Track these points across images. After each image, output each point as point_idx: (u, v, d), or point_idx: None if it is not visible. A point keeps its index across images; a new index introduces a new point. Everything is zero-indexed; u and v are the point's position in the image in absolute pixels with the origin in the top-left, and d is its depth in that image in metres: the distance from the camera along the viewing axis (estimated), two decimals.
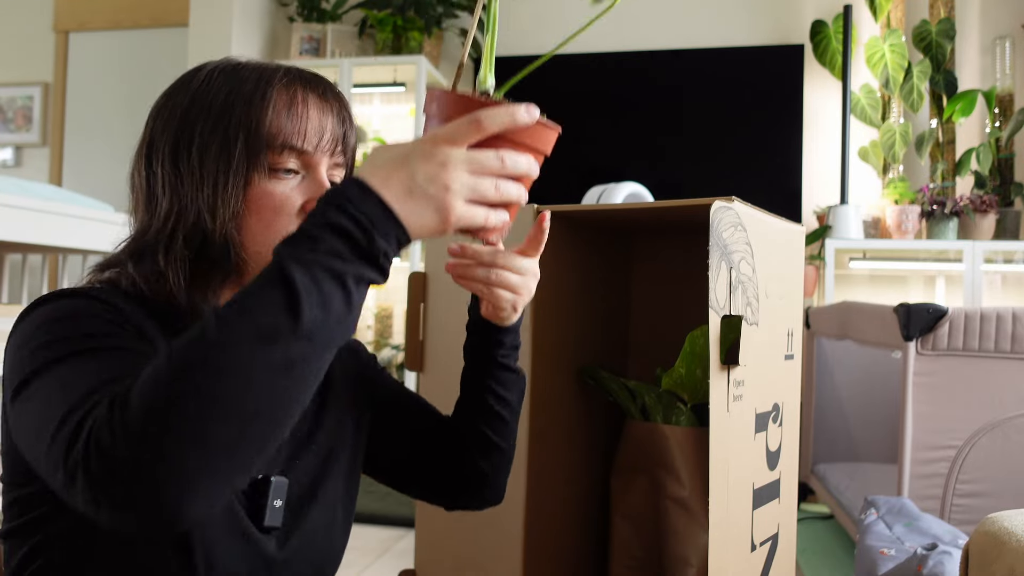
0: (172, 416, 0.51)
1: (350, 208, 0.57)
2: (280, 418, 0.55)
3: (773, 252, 1.03)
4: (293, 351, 0.54)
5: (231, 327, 0.54)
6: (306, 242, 0.56)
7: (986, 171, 3.19)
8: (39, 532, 0.70)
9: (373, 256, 0.58)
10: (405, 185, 0.59)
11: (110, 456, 0.52)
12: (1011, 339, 1.68)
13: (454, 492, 0.92)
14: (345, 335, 0.58)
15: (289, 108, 0.77)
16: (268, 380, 0.53)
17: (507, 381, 0.88)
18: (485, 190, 0.61)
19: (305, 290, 0.54)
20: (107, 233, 2.41)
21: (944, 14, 3.35)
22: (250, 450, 0.54)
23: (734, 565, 0.93)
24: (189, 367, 0.53)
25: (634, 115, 3.61)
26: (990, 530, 0.83)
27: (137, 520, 0.52)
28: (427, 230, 0.60)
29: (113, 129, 4.26)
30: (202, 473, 0.52)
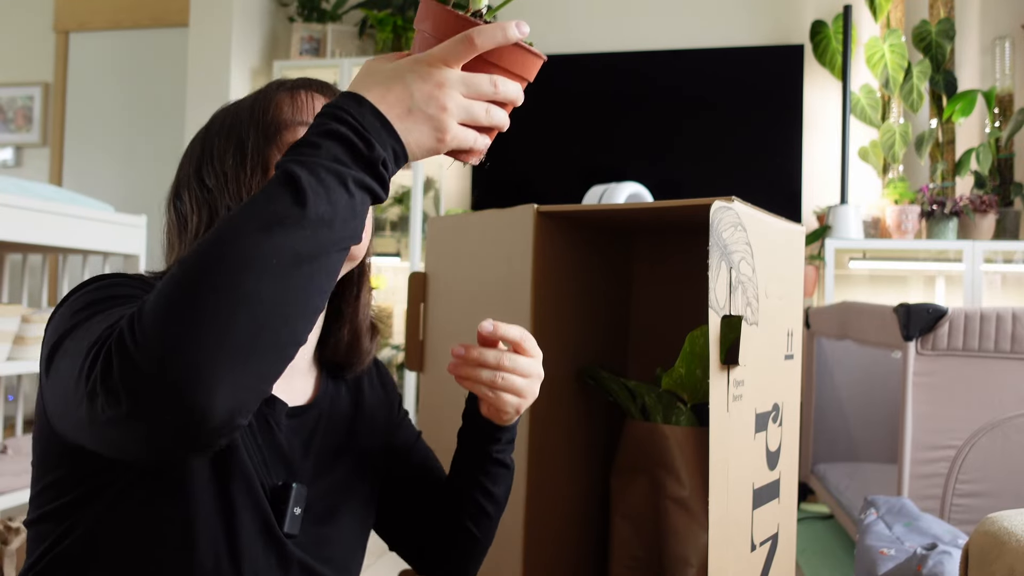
0: (183, 308, 0.51)
1: (348, 118, 0.58)
2: (291, 316, 0.54)
3: (773, 252, 1.03)
4: (300, 242, 0.54)
5: (238, 221, 0.54)
6: (307, 148, 0.57)
7: (986, 171, 3.19)
8: (69, 519, 0.70)
9: (373, 162, 0.58)
10: (404, 103, 0.60)
11: (129, 359, 0.51)
12: (1011, 339, 1.68)
13: (424, 561, 0.93)
14: (351, 239, 0.58)
15: (293, 101, 0.79)
16: (277, 270, 0.53)
17: (498, 476, 0.87)
18: (478, 113, 0.63)
19: (309, 186, 0.55)
20: (107, 233, 2.40)
21: (944, 14, 3.35)
22: (264, 345, 0.53)
23: (734, 565, 0.93)
24: (198, 261, 0.53)
25: (634, 115, 3.61)
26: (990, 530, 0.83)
27: (165, 422, 0.51)
28: (423, 149, 0.61)
29: (113, 129, 4.26)
30: (220, 364, 0.51)
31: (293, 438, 0.80)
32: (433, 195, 3.84)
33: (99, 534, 0.69)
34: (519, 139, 3.74)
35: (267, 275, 0.52)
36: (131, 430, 0.52)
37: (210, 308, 0.51)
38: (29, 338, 2.19)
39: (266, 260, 0.52)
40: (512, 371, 0.77)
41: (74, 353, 0.59)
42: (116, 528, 0.69)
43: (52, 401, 0.64)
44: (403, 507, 0.92)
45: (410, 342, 1.36)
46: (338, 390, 0.88)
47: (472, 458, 0.86)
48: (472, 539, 0.89)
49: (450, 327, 1.31)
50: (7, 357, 2.17)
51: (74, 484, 0.69)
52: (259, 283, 0.52)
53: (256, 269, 0.52)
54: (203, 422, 0.51)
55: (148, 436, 0.52)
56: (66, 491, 0.70)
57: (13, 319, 2.15)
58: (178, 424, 0.51)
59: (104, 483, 0.69)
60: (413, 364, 1.36)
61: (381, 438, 0.91)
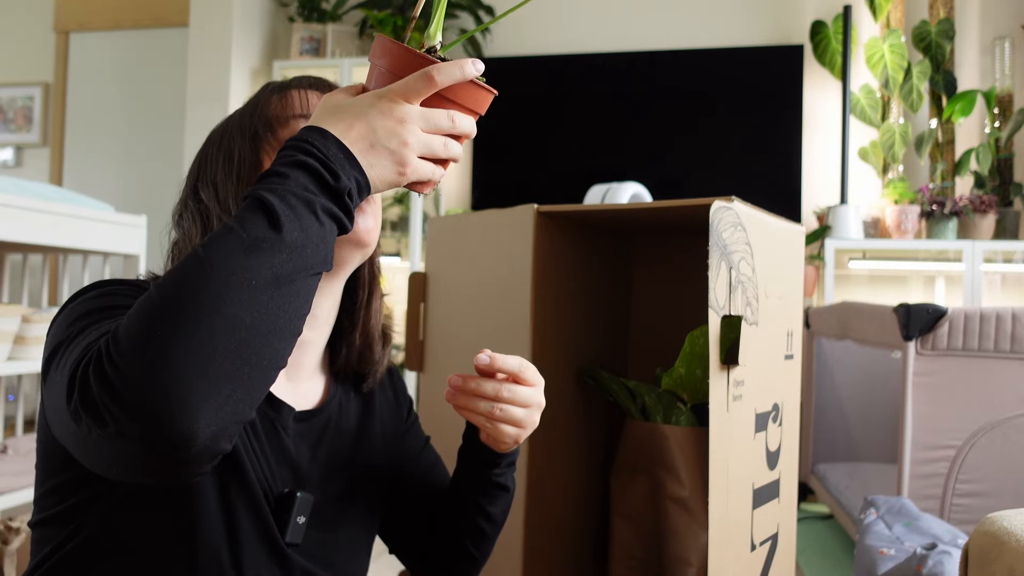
0: (161, 332, 0.51)
1: (314, 150, 0.59)
2: (272, 338, 0.55)
3: (773, 252, 1.03)
4: (278, 265, 0.55)
5: (217, 244, 0.55)
6: (275, 178, 0.58)
7: (985, 171, 3.19)
8: (73, 522, 0.70)
9: (339, 193, 0.59)
10: (367, 139, 0.62)
11: (108, 384, 0.51)
12: (1011, 339, 1.68)
13: (423, 568, 0.94)
14: (322, 265, 0.59)
15: (283, 100, 0.80)
16: (256, 293, 0.54)
17: (497, 498, 0.87)
18: (436, 147, 0.65)
19: (282, 211, 0.56)
20: (107, 233, 2.40)
21: (944, 14, 3.35)
22: (246, 368, 0.53)
23: (734, 565, 0.93)
24: (176, 285, 0.53)
25: (634, 115, 3.61)
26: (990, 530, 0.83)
27: (148, 445, 0.51)
28: (384, 183, 0.63)
29: (113, 129, 4.26)
30: (201, 389, 0.51)
31: (300, 443, 0.80)
32: (433, 195, 3.84)
33: (102, 538, 0.69)
34: (519, 139, 3.76)
35: (246, 298, 0.53)
36: (117, 449, 0.53)
37: (189, 332, 0.51)
38: (29, 338, 2.19)
39: (245, 283, 0.53)
40: (511, 402, 0.75)
41: (64, 367, 0.59)
42: (119, 533, 0.69)
43: (49, 411, 0.64)
44: (405, 513, 0.92)
45: (410, 342, 1.36)
46: (347, 396, 0.87)
47: (471, 480, 0.86)
48: (469, 558, 0.90)
49: (450, 327, 1.31)
50: (7, 357, 2.17)
51: (77, 488, 0.69)
52: (239, 306, 0.53)
53: (235, 292, 0.53)
54: (186, 446, 0.51)
55: (134, 456, 0.53)
56: (69, 495, 0.70)
57: (13, 319, 2.15)
58: (162, 448, 0.51)
59: (107, 488, 0.69)
60: (413, 364, 1.36)
61: (390, 445, 0.91)
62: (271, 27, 3.99)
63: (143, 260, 2.60)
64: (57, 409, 0.59)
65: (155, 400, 0.50)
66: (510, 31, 3.74)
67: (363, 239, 0.78)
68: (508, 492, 0.88)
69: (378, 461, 0.88)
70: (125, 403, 0.50)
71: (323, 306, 0.80)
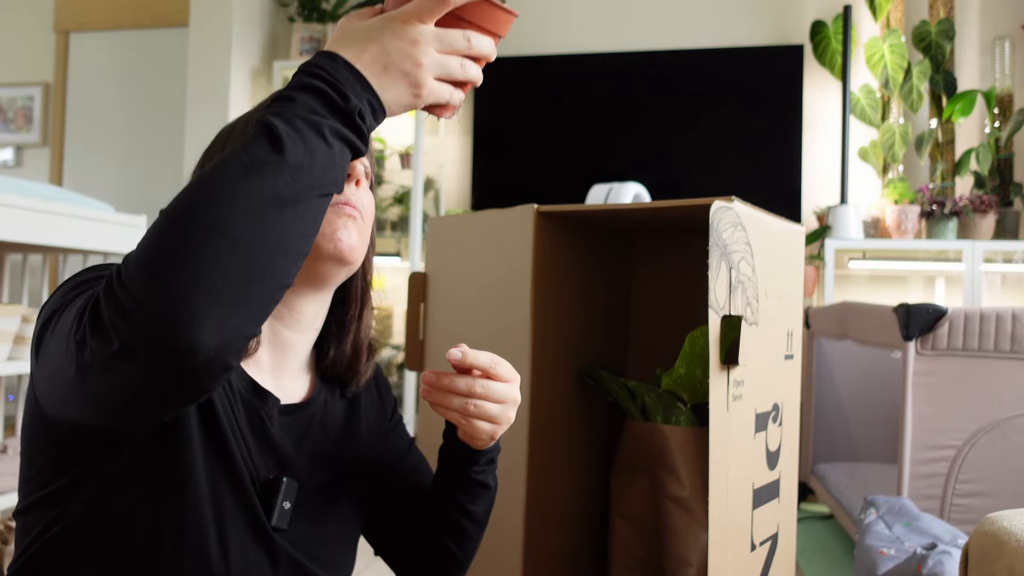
0: (168, 249, 0.52)
1: (322, 73, 0.59)
2: (276, 257, 0.55)
3: (773, 252, 1.03)
4: (280, 185, 0.55)
5: (221, 167, 0.55)
6: (283, 102, 0.58)
7: (986, 171, 3.19)
8: (59, 505, 0.69)
9: (348, 113, 0.59)
10: (379, 61, 0.61)
11: (116, 299, 0.52)
12: (1011, 339, 1.68)
13: (406, 571, 0.93)
14: (331, 186, 0.59)
15: None
16: (258, 213, 0.54)
17: (478, 496, 0.87)
18: (452, 68, 0.64)
19: (286, 134, 0.56)
20: (107, 233, 2.40)
21: (944, 14, 3.35)
22: (250, 284, 0.54)
23: (734, 565, 0.93)
24: (182, 206, 0.54)
25: (634, 115, 3.61)
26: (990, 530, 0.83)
27: (154, 359, 0.52)
28: (400, 105, 0.63)
29: (113, 129, 4.26)
30: (204, 300, 0.52)
31: (285, 435, 0.80)
32: (433, 195, 3.84)
33: (89, 520, 0.69)
34: (519, 139, 3.75)
35: (248, 217, 0.54)
36: (121, 373, 0.53)
37: (193, 248, 0.52)
38: (29, 338, 2.19)
39: (247, 203, 0.54)
40: (484, 398, 0.75)
41: (64, 322, 0.60)
42: (105, 514, 0.69)
43: (42, 379, 0.65)
44: (390, 513, 0.92)
45: (410, 342, 1.36)
46: (333, 394, 0.88)
47: (451, 479, 0.86)
48: (452, 557, 0.89)
49: (450, 327, 1.31)
50: (7, 357, 2.17)
51: (63, 470, 0.69)
52: (242, 226, 0.53)
53: (237, 211, 0.53)
54: (192, 355, 0.52)
55: (139, 377, 0.53)
56: (56, 478, 0.70)
57: (13, 319, 2.15)
58: (167, 359, 0.52)
59: (93, 469, 0.69)
60: (413, 364, 1.36)
61: (375, 443, 0.91)
62: (271, 27, 3.99)
63: None
64: (55, 362, 0.59)
65: (161, 313, 0.51)
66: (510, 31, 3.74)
67: (346, 256, 0.77)
68: (489, 490, 0.88)
69: (364, 456, 0.88)
70: (132, 319, 0.51)
71: (308, 312, 0.81)
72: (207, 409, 0.72)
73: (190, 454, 0.70)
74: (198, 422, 0.71)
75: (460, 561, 0.90)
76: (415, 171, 3.53)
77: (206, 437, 0.71)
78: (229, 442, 0.73)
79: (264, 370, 0.80)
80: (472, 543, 0.90)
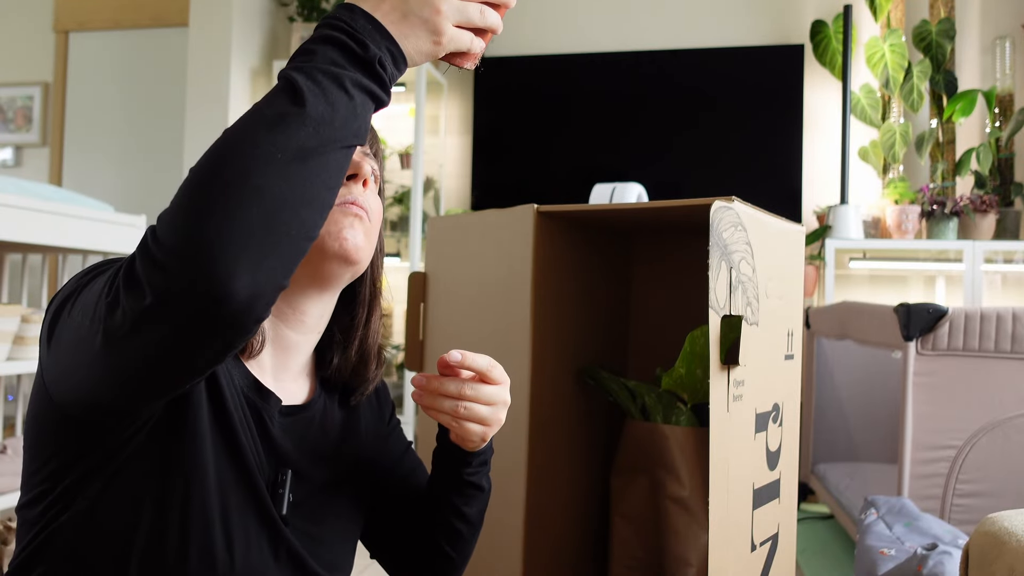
0: (197, 203, 0.54)
1: (341, 24, 0.60)
2: (300, 207, 0.56)
3: (773, 252, 1.03)
4: (303, 138, 0.56)
5: (241, 124, 0.56)
6: (302, 56, 0.59)
7: (986, 171, 3.19)
8: (65, 495, 0.69)
9: (368, 62, 0.59)
10: (398, 9, 0.61)
11: (149, 255, 0.54)
12: (1011, 339, 1.68)
13: (401, 571, 0.93)
14: (354, 138, 0.59)
15: None
16: (282, 164, 0.55)
17: (472, 498, 0.87)
18: (472, 14, 0.64)
19: (307, 87, 0.57)
20: (107, 233, 2.40)
21: (944, 14, 3.35)
22: (276, 234, 0.55)
23: (734, 565, 0.93)
24: (207, 162, 0.55)
25: (634, 115, 3.61)
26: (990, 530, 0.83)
27: (187, 308, 0.53)
28: (421, 54, 0.63)
29: (113, 129, 4.26)
30: (235, 250, 0.53)
31: (285, 435, 0.80)
32: (433, 195, 3.84)
33: (93, 511, 0.69)
34: (519, 139, 3.75)
35: (272, 169, 0.55)
36: (154, 330, 0.54)
37: (221, 201, 0.53)
38: (29, 338, 2.19)
39: (271, 155, 0.55)
40: (475, 400, 0.76)
41: (85, 299, 0.61)
42: (111, 505, 0.69)
43: (57, 364, 0.65)
44: (385, 517, 0.92)
45: (410, 342, 1.36)
46: (332, 399, 0.88)
47: (445, 480, 0.86)
48: (447, 559, 0.89)
49: (450, 327, 1.30)
50: (7, 357, 2.17)
51: (69, 464, 0.69)
52: (265, 177, 0.54)
53: (261, 164, 0.54)
54: (224, 303, 0.53)
55: (171, 332, 0.54)
56: (61, 470, 0.70)
57: (13, 319, 2.15)
58: (201, 308, 0.53)
59: (99, 461, 0.68)
60: (413, 364, 1.36)
61: (372, 447, 0.91)
62: (271, 27, 3.98)
63: None
64: (75, 339, 0.60)
65: (194, 263, 0.53)
66: (510, 31, 3.74)
67: (351, 256, 0.77)
68: (483, 491, 0.87)
69: (362, 458, 0.88)
70: (167, 270, 0.53)
71: (312, 313, 0.80)
72: (218, 402, 0.72)
73: (199, 445, 0.70)
74: (209, 412, 0.71)
75: (455, 562, 0.90)
76: (415, 171, 3.53)
77: (216, 429, 0.71)
78: (238, 435, 0.73)
79: (266, 371, 0.80)
80: (467, 545, 0.90)
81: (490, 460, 0.87)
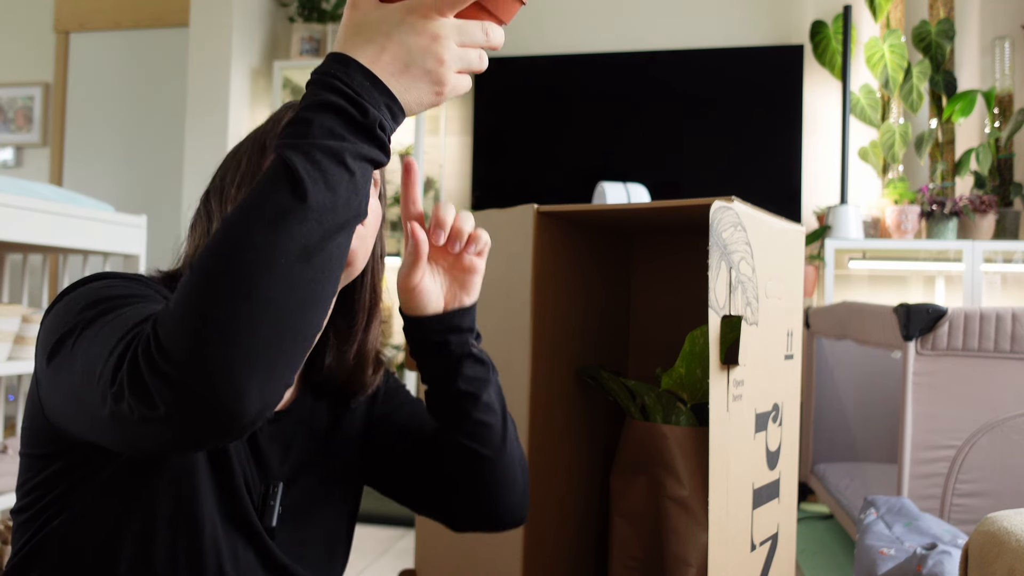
0: (203, 317, 0.51)
1: (338, 84, 0.57)
2: (307, 309, 0.54)
3: (773, 252, 1.03)
4: (306, 235, 0.53)
5: (243, 222, 0.53)
6: (300, 127, 0.56)
7: (986, 171, 3.19)
8: (59, 502, 0.70)
9: (369, 128, 0.57)
10: (400, 61, 0.59)
11: (156, 367, 0.52)
12: (1011, 339, 1.68)
13: (453, 510, 0.88)
14: (356, 218, 0.57)
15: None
16: (287, 269, 0.53)
17: (477, 380, 0.81)
18: (472, 61, 0.62)
19: (306, 173, 0.54)
20: (107, 233, 2.40)
21: (944, 14, 3.35)
22: (285, 342, 0.53)
23: (734, 565, 0.93)
24: (211, 268, 0.52)
25: (634, 115, 3.61)
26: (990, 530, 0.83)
27: (196, 423, 0.52)
28: (421, 105, 0.61)
29: (113, 129, 4.26)
30: (245, 368, 0.51)
31: (272, 443, 0.80)
32: (433, 195, 3.84)
33: (85, 518, 0.69)
34: (519, 139, 3.75)
35: (278, 276, 0.52)
36: (161, 431, 0.53)
37: (228, 317, 0.51)
38: (29, 338, 2.19)
39: (273, 260, 0.52)
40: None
41: (89, 354, 0.59)
42: (102, 513, 0.69)
43: (55, 398, 0.64)
44: (406, 470, 0.88)
45: None
46: (319, 401, 0.87)
47: (446, 370, 0.81)
48: (477, 457, 0.81)
49: None
50: (7, 357, 2.17)
51: (62, 473, 0.70)
52: (270, 288, 0.52)
53: (264, 272, 0.52)
54: (236, 417, 0.52)
55: (179, 434, 0.53)
56: (54, 479, 0.70)
57: (13, 319, 2.15)
58: (211, 423, 0.52)
59: (92, 471, 0.69)
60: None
61: (360, 440, 0.90)
62: (271, 27, 3.98)
63: (143, 260, 2.60)
64: (76, 394, 0.59)
65: (206, 385, 0.51)
66: (510, 31, 3.74)
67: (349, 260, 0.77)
68: (485, 364, 0.82)
69: (350, 455, 0.88)
70: (177, 389, 0.51)
71: None
72: None
73: (190, 458, 0.70)
74: None
75: (490, 460, 0.82)
76: None
77: None
78: (227, 448, 0.73)
79: None
80: (493, 434, 0.82)
81: (467, 327, 0.82)
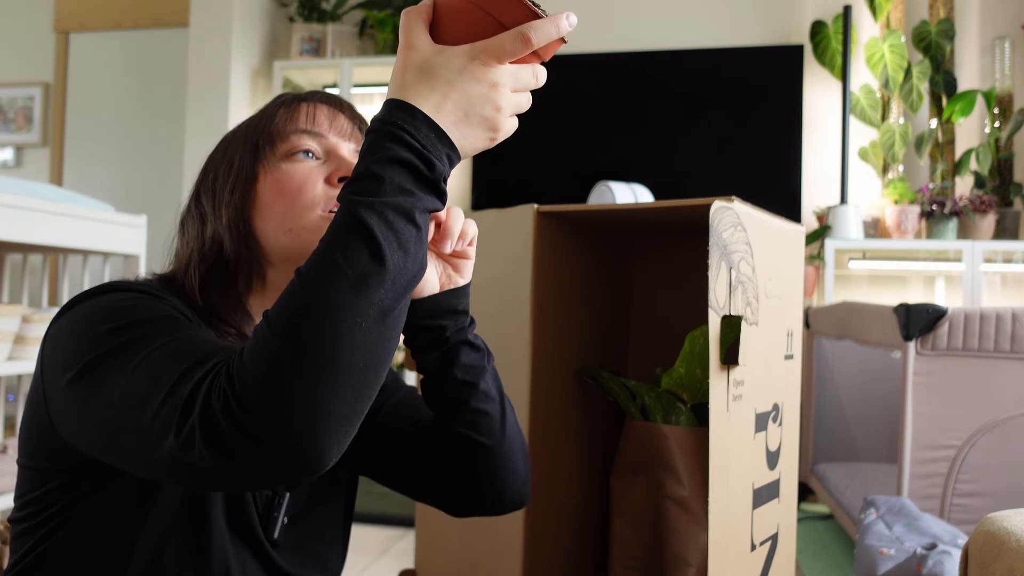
0: (285, 381, 0.52)
1: (407, 137, 0.58)
2: (382, 365, 0.56)
3: (773, 252, 1.03)
4: (384, 297, 0.55)
5: (323, 284, 0.54)
6: (372, 182, 0.57)
7: (986, 171, 3.19)
8: (61, 514, 0.70)
9: (435, 183, 0.58)
10: (462, 109, 0.60)
11: (238, 425, 0.53)
12: (1011, 339, 1.68)
13: (456, 496, 0.86)
14: (421, 272, 0.58)
15: (293, 112, 0.79)
16: (367, 333, 0.54)
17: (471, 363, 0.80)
18: (523, 104, 0.64)
19: (383, 236, 0.55)
20: (107, 233, 2.40)
21: (944, 14, 3.35)
22: (359, 400, 0.55)
23: (734, 565, 0.93)
24: (294, 333, 0.53)
25: (634, 115, 3.61)
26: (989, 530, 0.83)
27: (272, 475, 0.54)
28: (475, 150, 0.63)
29: (113, 129, 4.26)
30: (327, 427, 0.53)
31: None
32: None
33: (87, 533, 0.69)
34: (519, 139, 3.75)
35: (360, 342, 0.54)
36: (229, 478, 0.55)
37: (313, 385, 0.52)
38: (29, 338, 2.19)
39: (357, 327, 0.54)
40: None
41: (134, 387, 0.58)
42: (106, 528, 0.69)
43: (79, 424, 0.63)
44: (405, 461, 0.87)
45: None
46: None
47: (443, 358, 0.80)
48: (477, 446, 0.80)
49: None
50: (7, 357, 2.17)
51: (65, 488, 0.69)
52: (356, 353, 0.54)
53: (351, 339, 0.53)
54: (311, 472, 0.55)
55: (249, 483, 0.56)
56: (58, 490, 0.70)
57: (13, 319, 2.15)
58: (287, 475, 0.55)
59: (96, 486, 0.69)
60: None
61: (357, 437, 0.90)
62: (271, 27, 3.98)
63: (143, 260, 2.60)
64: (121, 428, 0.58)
65: (287, 448, 0.53)
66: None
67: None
68: (480, 351, 0.80)
69: (347, 453, 0.88)
70: (260, 444, 0.53)
71: None
72: None
73: None
74: None
75: (489, 448, 0.81)
76: None
77: None
78: None
79: None
80: (492, 422, 0.81)
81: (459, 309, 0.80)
